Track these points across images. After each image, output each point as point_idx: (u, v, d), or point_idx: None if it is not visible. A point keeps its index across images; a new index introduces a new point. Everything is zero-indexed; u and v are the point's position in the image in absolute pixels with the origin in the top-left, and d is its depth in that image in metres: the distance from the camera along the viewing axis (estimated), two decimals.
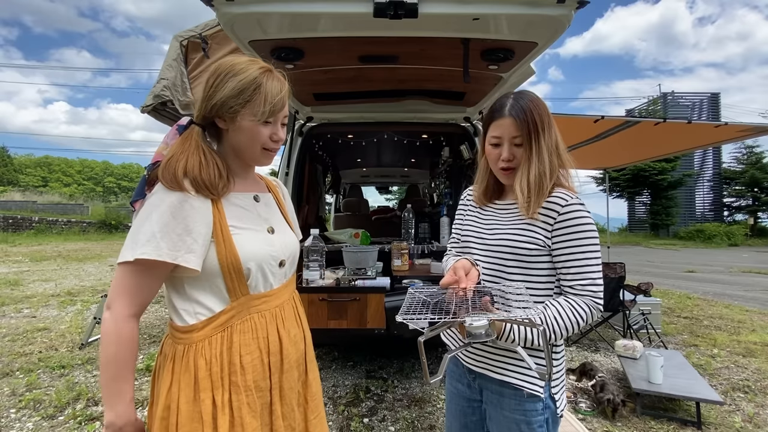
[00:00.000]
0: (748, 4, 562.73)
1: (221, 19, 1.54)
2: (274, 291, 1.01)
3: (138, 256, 0.83)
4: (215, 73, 0.94)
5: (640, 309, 4.32)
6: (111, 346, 0.84)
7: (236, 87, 0.90)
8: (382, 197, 11.19)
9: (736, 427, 2.61)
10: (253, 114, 0.92)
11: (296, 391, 1.03)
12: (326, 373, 3.40)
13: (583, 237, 1.04)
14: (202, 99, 0.94)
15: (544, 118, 1.07)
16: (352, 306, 2.34)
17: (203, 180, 0.90)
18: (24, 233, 16.62)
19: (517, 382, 1.07)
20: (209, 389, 0.89)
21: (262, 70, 0.94)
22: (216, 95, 0.92)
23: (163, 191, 0.88)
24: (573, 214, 1.04)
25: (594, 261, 1.06)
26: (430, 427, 2.58)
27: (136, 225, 0.87)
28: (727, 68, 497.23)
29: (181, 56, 3.71)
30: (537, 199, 1.05)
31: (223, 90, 0.91)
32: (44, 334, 4.37)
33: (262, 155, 0.99)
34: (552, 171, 1.07)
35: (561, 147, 1.11)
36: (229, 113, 0.92)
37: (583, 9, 1.45)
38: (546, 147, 1.07)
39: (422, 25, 1.56)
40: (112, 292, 0.87)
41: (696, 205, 29.76)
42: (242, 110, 0.91)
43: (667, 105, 29.92)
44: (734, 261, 13.84)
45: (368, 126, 3.18)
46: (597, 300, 1.05)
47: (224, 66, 0.94)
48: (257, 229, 1.00)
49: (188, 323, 0.91)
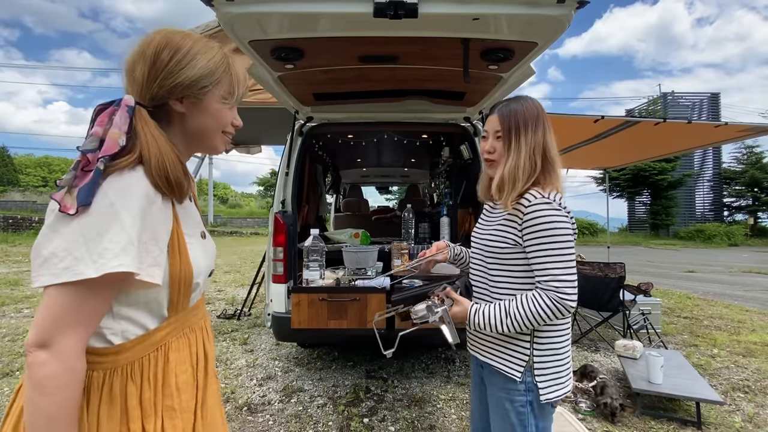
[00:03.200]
0: (746, 5, 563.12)
1: (221, 19, 1.54)
2: (199, 301, 0.91)
3: (111, 270, 0.65)
4: (170, 47, 0.77)
5: (640, 309, 4.32)
6: (63, 392, 0.64)
7: (207, 65, 0.79)
8: (382, 197, 11.19)
9: (736, 427, 2.61)
10: (224, 96, 0.83)
11: (219, 404, 0.95)
12: (326, 373, 3.41)
13: (544, 235, 1.10)
14: (151, 77, 0.77)
15: (529, 120, 1.19)
16: (352, 306, 2.34)
17: (175, 178, 0.76)
18: (24, 233, 16.62)
19: (496, 365, 1.21)
20: (139, 419, 0.74)
21: (223, 51, 0.84)
22: (182, 73, 0.77)
23: (129, 175, 0.72)
24: (535, 213, 1.11)
25: (556, 257, 1.10)
26: (430, 427, 2.58)
27: (89, 228, 0.65)
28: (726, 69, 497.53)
29: None
30: (510, 193, 1.16)
31: (191, 68, 0.78)
32: None
33: (220, 140, 0.87)
34: (530, 169, 1.17)
35: (550, 151, 1.20)
36: (196, 94, 0.79)
37: (582, 10, 1.45)
38: (526, 145, 1.18)
39: (422, 25, 1.56)
40: (50, 324, 0.64)
41: (696, 205, 29.76)
42: (213, 90, 0.81)
43: (667, 105, 29.92)
44: (734, 261, 13.85)
45: (368, 126, 3.18)
46: (560, 294, 1.09)
47: (182, 42, 0.79)
48: (197, 236, 0.86)
49: (113, 343, 0.74)
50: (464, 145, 3.29)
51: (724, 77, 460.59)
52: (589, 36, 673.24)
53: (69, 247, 0.65)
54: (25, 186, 33.29)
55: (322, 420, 2.65)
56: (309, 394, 3.02)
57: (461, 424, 2.62)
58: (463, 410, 2.80)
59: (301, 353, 3.87)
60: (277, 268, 2.69)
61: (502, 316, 1.13)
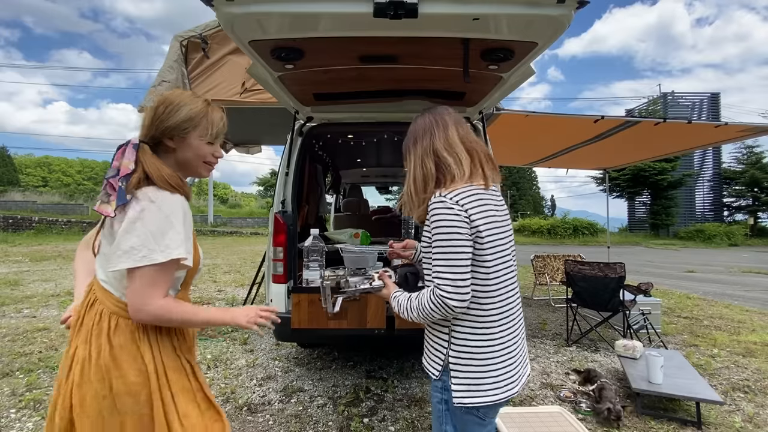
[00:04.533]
0: (745, 6, 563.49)
1: (221, 19, 1.54)
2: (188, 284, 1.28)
3: (174, 256, 1.04)
4: (165, 103, 1.13)
5: (640, 309, 4.32)
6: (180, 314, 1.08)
7: (188, 114, 1.13)
8: (382, 197, 11.17)
9: (736, 427, 2.61)
10: (201, 135, 1.15)
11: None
12: (326, 373, 3.41)
13: (435, 233, 1.17)
14: (151, 123, 1.13)
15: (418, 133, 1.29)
16: (352, 306, 2.34)
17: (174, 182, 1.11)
18: (24, 233, 16.61)
19: (424, 362, 1.32)
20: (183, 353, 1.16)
21: (206, 103, 1.18)
22: (169, 119, 1.12)
23: (171, 196, 1.08)
24: (430, 213, 1.18)
25: (440, 255, 1.15)
26: (430, 427, 2.58)
27: (153, 228, 1.03)
28: (726, 69, 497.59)
29: (182, 57, 3.72)
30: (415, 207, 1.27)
31: (177, 116, 1.12)
32: (44, 334, 4.37)
33: (203, 168, 1.21)
34: (422, 176, 1.24)
35: (441, 151, 1.23)
36: (180, 134, 1.13)
37: (581, 10, 1.45)
38: (415, 156, 1.27)
39: (422, 25, 1.56)
40: (141, 294, 1.02)
41: (696, 205, 29.77)
42: (193, 131, 1.14)
43: (667, 105, 29.91)
44: (734, 261, 13.85)
45: (368, 126, 3.18)
46: (439, 291, 1.14)
47: (173, 98, 1.14)
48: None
49: None
50: None
51: (723, 77, 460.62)
52: (588, 36, 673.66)
53: (144, 243, 1.02)
54: (25, 186, 33.25)
55: (322, 420, 2.65)
56: (309, 394, 3.02)
57: None
58: None
59: (301, 353, 3.87)
60: (277, 268, 2.69)
61: (406, 306, 1.24)
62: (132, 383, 1.04)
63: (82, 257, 1.31)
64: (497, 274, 1.19)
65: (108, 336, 1.06)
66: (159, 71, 3.74)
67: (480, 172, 1.23)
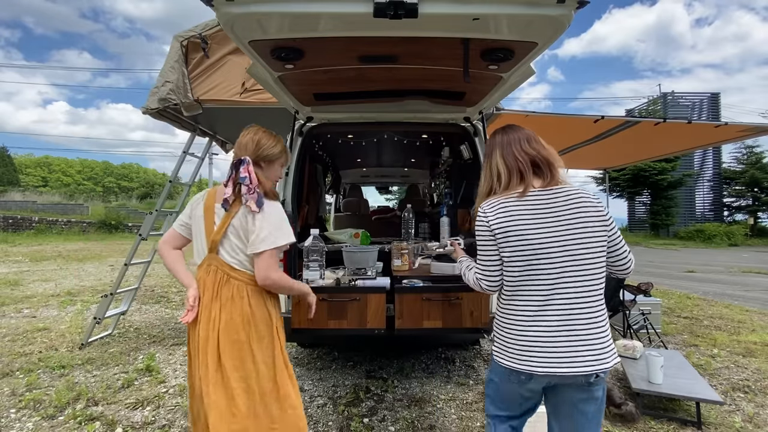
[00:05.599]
0: (745, 6, 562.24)
1: (221, 19, 1.54)
2: None
3: (290, 240, 1.60)
4: (265, 138, 1.71)
5: (640, 309, 4.32)
6: (288, 282, 1.67)
7: (281, 150, 1.75)
8: (382, 197, 11.18)
9: (736, 427, 2.61)
10: (281, 164, 1.79)
11: None
12: (326, 373, 3.41)
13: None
14: (255, 149, 1.67)
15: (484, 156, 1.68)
16: (352, 306, 2.34)
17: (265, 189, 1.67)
18: (24, 233, 16.63)
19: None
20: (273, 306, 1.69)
21: (283, 142, 1.79)
22: (267, 151, 1.69)
23: (277, 202, 1.65)
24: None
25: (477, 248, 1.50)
26: (430, 427, 2.58)
27: (275, 222, 1.57)
28: (725, 69, 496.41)
29: (182, 57, 3.71)
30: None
31: (273, 149, 1.72)
32: (44, 334, 4.38)
33: (274, 183, 1.78)
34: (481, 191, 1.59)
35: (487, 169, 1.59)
36: (270, 160, 1.72)
37: (581, 10, 1.45)
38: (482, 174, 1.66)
39: (422, 25, 1.56)
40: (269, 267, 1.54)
41: (696, 205, 29.73)
42: (278, 160, 1.75)
43: (667, 105, 29.88)
44: (734, 261, 13.85)
45: (368, 126, 3.18)
46: (478, 273, 1.53)
47: (269, 137, 1.73)
48: None
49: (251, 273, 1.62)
50: (464, 145, 3.29)
51: (723, 77, 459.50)
52: (588, 36, 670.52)
53: (273, 232, 1.56)
54: (25, 186, 33.28)
55: (322, 420, 2.65)
56: (309, 394, 3.02)
57: (461, 424, 2.63)
58: (463, 410, 2.80)
59: (301, 353, 3.87)
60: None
61: (464, 271, 1.64)
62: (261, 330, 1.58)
63: (170, 254, 1.69)
64: (521, 269, 1.37)
65: (248, 299, 1.57)
66: (160, 71, 3.74)
67: (518, 182, 1.46)
